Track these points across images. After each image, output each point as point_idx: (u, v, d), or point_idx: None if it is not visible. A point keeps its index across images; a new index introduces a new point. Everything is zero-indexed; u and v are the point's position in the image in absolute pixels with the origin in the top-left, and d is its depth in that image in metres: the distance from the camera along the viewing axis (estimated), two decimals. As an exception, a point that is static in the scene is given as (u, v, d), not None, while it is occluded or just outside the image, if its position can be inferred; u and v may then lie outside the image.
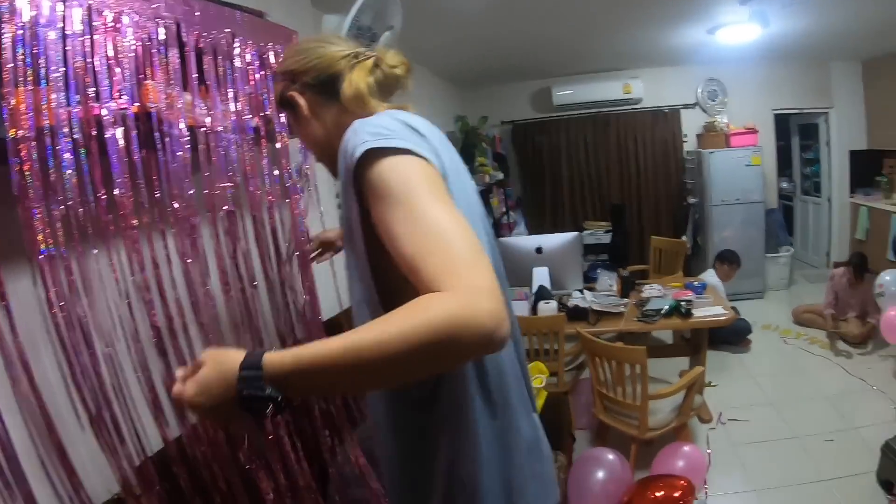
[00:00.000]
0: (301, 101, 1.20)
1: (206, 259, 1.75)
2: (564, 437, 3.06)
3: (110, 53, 1.40)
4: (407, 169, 0.95)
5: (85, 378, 1.35)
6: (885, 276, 4.78)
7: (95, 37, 1.36)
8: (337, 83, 1.17)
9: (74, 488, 1.33)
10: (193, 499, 1.59)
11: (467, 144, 5.75)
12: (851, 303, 5.26)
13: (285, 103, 1.24)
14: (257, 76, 1.98)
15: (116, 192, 1.42)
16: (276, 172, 2.12)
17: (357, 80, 1.16)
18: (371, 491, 2.06)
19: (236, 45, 1.87)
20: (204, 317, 1.72)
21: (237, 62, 1.88)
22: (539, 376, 2.88)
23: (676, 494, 2.89)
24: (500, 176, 6.38)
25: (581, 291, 4.08)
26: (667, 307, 3.82)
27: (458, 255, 0.84)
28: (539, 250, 3.95)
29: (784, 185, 8.25)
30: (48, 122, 1.25)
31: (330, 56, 1.19)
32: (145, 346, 1.54)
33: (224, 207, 1.81)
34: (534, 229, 7.12)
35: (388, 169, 0.94)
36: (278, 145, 2.12)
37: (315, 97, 1.20)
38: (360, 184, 0.97)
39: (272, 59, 2.05)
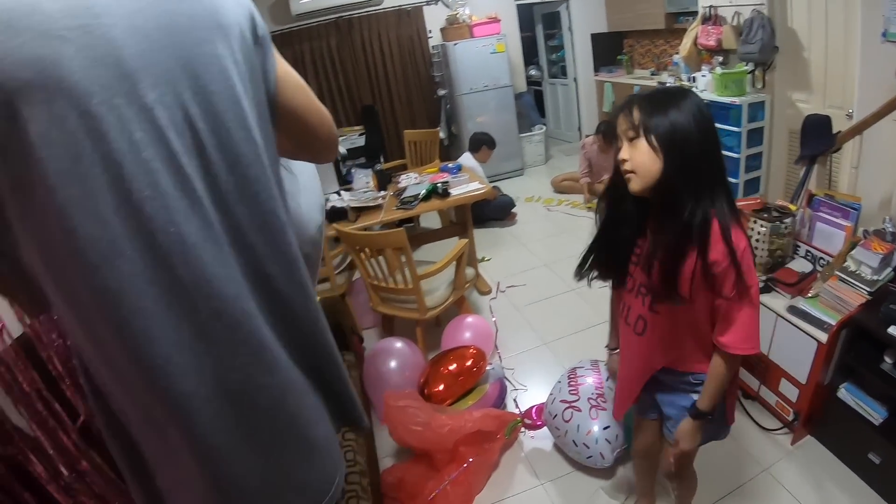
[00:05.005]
0: None
1: None
2: (348, 337, 3.07)
3: None
4: None
5: None
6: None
7: None
8: None
9: None
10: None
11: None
12: (605, 166, 5.74)
13: None
14: None
15: None
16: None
17: None
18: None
19: None
20: None
21: None
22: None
23: (469, 363, 3.03)
24: (244, 96, 6.02)
25: (338, 193, 4.05)
26: (424, 191, 3.92)
27: None
28: (288, 160, 3.82)
29: (533, 72, 8.77)
30: None
31: None
32: None
33: None
34: (288, 143, 6.83)
35: None
36: None
37: None
38: None
39: None
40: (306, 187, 1.23)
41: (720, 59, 4.93)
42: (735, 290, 1.42)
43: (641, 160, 1.39)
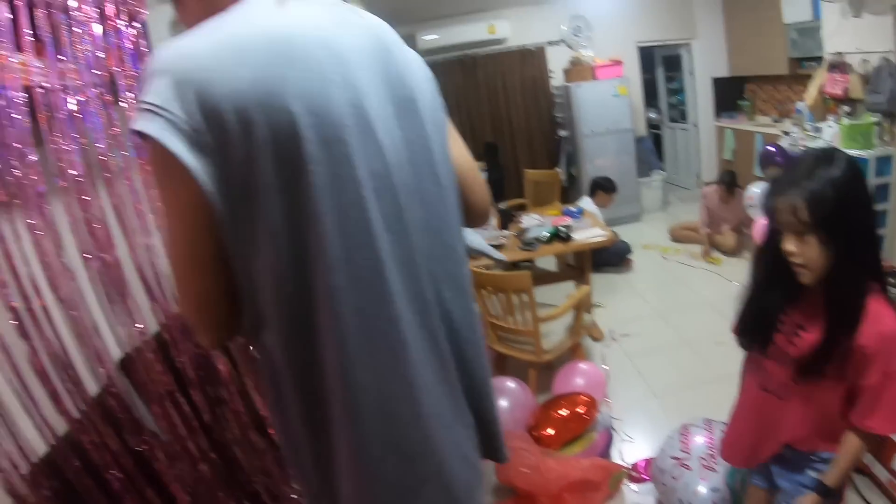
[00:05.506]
0: None
1: (59, 230, 1.61)
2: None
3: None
4: (158, 172, 0.81)
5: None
6: (754, 189, 5.05)
7: None
8: None
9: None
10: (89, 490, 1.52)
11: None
12: (725, 217, 5.58)
13: None
14: (97, 29, 1.79)
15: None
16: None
17: None
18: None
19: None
20: (63, 292, 1.60)
21: (75, 14, 1.70)
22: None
23: (581, 410, 2.99)
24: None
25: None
26: (547, 234, 3.93)
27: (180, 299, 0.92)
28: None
29: (652, 115, 8.62)
30: None
31: None
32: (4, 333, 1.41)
33: (73, 173, 1.66)
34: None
35: (150, 163, 0.83)
36: (123, 104, 1.93)
37: None
38: None
39: (113, 9, 1.86)
40: None
41: (847, 108, 4.71)
42: (883, 373, 1.36)
43: (813, 255, 1.35)
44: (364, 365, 0.85)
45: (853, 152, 4.29)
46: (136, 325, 1.82)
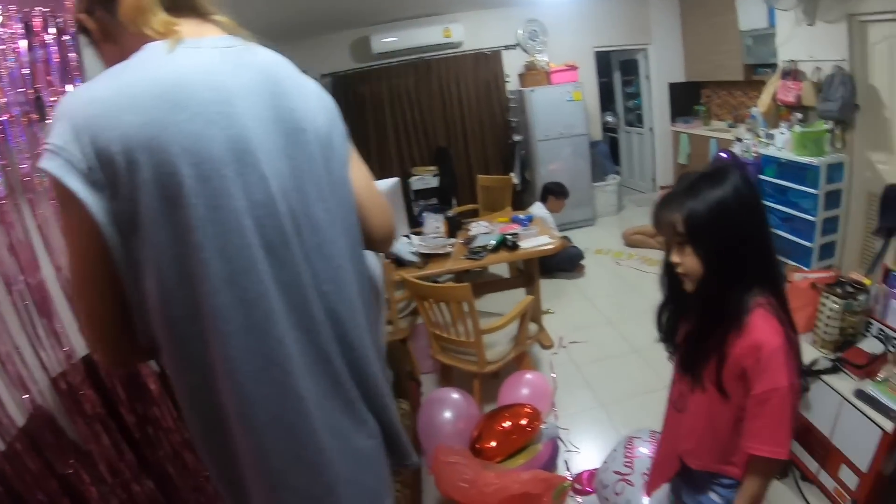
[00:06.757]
0: (91, 24, 1.00)
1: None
2: (404, 384, 3.03)
3: None
4: (59, 205, 0.90)
5: None
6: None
7: None
8: None
9: None
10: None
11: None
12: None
13: (82, 30, 1.03)
14: (23, 45, 1.73)
15: None
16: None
17: None
18: None
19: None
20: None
21: None
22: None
23: (523, 422, 2.97)
24: (322, 131, 6.13)
25: (408, 237, 4.03)
26: (493, 242, 3.86)
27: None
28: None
29: (609, 118, 8.68)
30: None
31: None
32: None
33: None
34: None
35: (53, 196, 0.94)
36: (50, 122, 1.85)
37: (104, 15, 0.97)
38: None
39: (40, 23, 1.80)
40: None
41: (799, 115, 4.75)
42: (762, 391, 1.34)
43: (692, 266, 1.41)
44: (256, 380, 0.92)
45: (805, 159, 4.35)
46: (63, 348, 1.81)
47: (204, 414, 0.97)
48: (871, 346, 2.53)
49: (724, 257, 1.36)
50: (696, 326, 1.48)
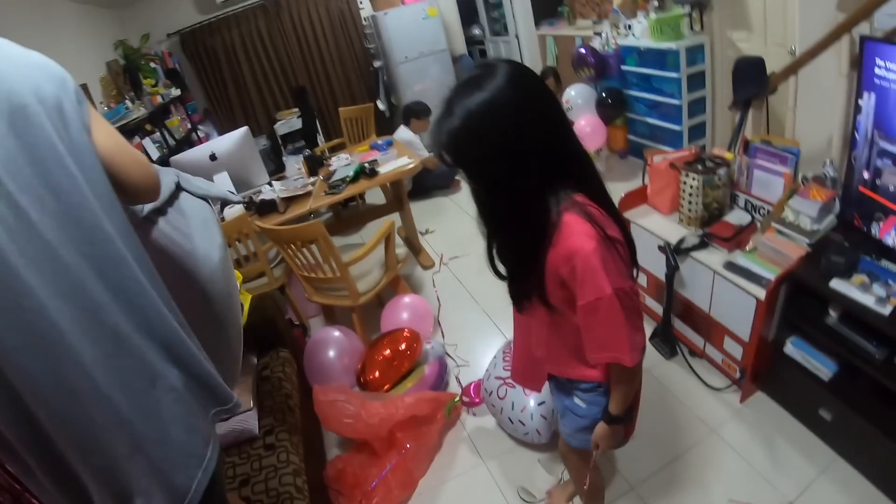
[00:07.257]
0: None
1: None
2: (283, 332, 2.91)
3: None
4: None
5: None
6: (571, 91, 5.10)
7: None
8: None
9: None
10: None
11: (131, 70, 4.98)
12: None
13: None
14: None
15: None
16: None
17: None
18: None
19: None
20: None
21: None
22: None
23: (402, 347, 2.95)
24: (177, 92, 5.72)
25: (270, 184, 3.85)
26: (352, 173, 3.74)
27: None
28: (213, 157, 3.57)
29: (476, 31, 8.51)
30: None
31: None
32: None
33: None
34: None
35: None
36: None
37: None
38: None
39: None
40: (198, 228, 1.42)
41: (655, 3, 4.75)
42: (586, 301, 1.27)
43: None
44: (29, 356, 0.93)
45: (663, 45, 4.37)
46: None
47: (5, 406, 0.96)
48: (738, 217, 2.58)
49: (504, 166, 1.20)
50: (505, 247, 1.40)
